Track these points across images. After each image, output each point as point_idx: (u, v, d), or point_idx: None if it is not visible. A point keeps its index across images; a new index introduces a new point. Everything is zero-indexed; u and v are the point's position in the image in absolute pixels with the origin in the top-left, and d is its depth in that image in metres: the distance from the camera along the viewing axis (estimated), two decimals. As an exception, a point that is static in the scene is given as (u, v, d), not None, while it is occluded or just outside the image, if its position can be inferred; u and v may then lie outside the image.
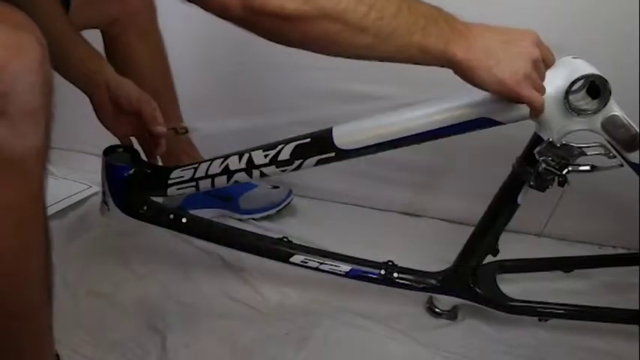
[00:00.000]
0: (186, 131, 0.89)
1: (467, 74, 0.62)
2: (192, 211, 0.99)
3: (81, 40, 0.82)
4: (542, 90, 0.65)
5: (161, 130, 0.82)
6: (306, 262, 0.88)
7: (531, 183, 0.75)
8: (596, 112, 0.70)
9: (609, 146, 0.73)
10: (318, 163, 0.78)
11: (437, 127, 0.73)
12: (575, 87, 0.69)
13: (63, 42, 0.79)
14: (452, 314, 0.93)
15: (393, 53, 0.60)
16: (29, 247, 0.52)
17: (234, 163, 0.81)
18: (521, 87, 0.62)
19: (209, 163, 0.83)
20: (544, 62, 0.65)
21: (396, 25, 0.57)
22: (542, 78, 0.66)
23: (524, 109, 0.69)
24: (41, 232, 0.53)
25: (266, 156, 0.79)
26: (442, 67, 0.63)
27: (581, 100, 0.72)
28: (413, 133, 0.74)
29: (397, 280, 0.89)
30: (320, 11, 0.53)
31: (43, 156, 0.49)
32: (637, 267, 0.95)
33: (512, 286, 0.92)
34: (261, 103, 1.24)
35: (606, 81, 0.68)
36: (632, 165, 0.73)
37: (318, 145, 0.77)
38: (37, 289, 0.55)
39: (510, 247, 0.90)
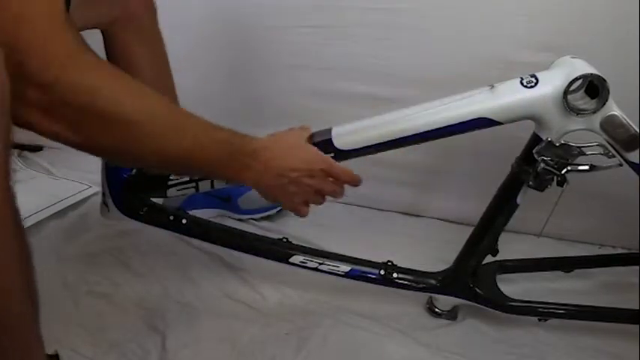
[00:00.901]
0: None
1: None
2: (191, 212, 0.99)
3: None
4: (322, 202, 0.76)
5: None
6: (305, 263, 0.88)
7: (530, 183, 0.75)
8: (594, 111, 0.70)
9: (608, 146, 0.73)
10: (318, 163, 0.78)
11: (436, 127, 0.73)
12: (573, 87, 0.69)
13: None
14: (452, 314, 0.93)
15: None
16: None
17: (233, 163, 0.81)
18: (299, 210, 0.75)
19: (209, 163, 0.83)
20: (336, 176, 0.74)
21: (187, 171, 0.70)
22: (332, 189, 0.75)
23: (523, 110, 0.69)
24: (12, 239, 0.51)
25: (265, 156, 0.79)
26: None
27: (579, 99, 0.72)
28: (412, 133, 0.74)
29: (397, 281, 0.89)
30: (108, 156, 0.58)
31: (1, 162, 0.47)
32: (637, 267, 0.95)
33: (512, 286, 0.92)
34: (261, 104, 1.24)
35: (604, 80, 0.68)
36: (631, 164, 0.73)
37: (318, 146, 0.77)
38: (15, 299, 0.53)
39: (510, 247, 0.90)
